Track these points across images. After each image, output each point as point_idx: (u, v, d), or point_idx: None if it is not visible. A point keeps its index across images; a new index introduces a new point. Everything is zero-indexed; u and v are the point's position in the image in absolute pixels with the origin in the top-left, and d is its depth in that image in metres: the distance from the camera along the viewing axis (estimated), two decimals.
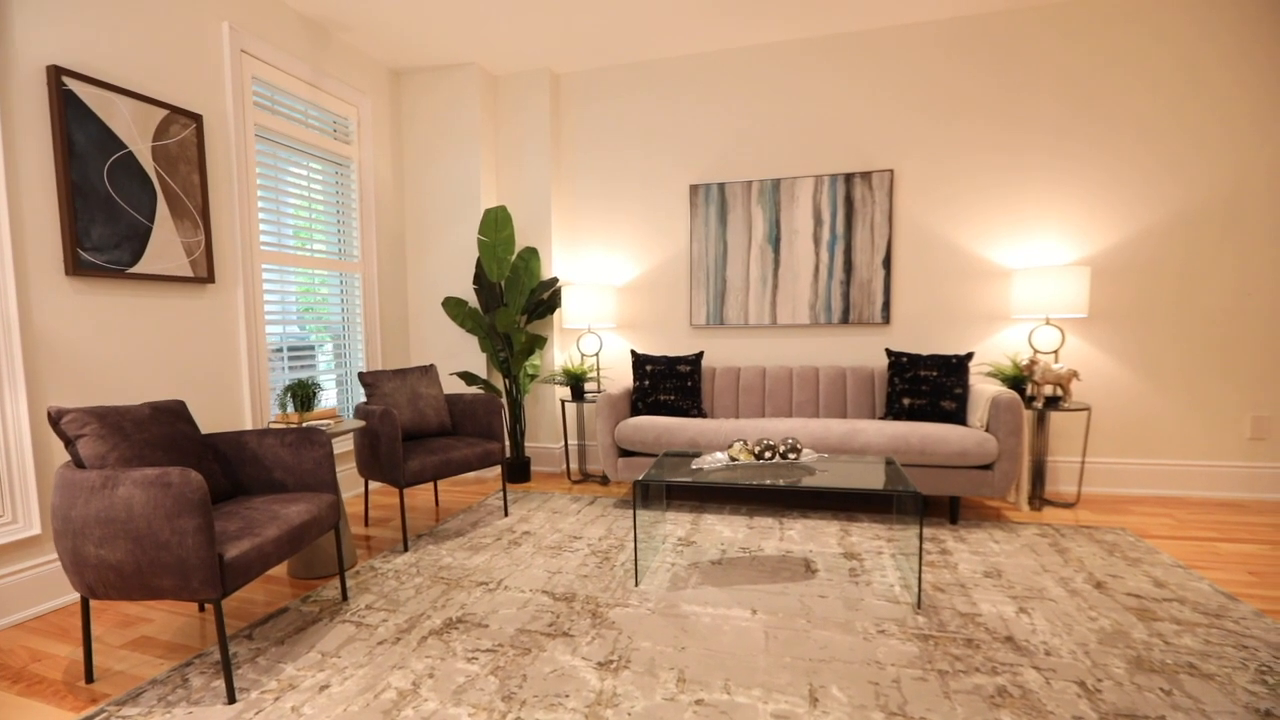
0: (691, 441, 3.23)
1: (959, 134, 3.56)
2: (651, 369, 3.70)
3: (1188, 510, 3.18)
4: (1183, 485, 3.41)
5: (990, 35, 3.49)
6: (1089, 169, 3.41)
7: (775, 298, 3.87)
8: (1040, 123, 3.45)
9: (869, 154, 3.70)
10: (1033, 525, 2.95)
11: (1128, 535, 2.79)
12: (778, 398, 3.65)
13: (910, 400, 3.26)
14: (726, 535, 2.89)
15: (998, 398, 2.89)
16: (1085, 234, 3.43)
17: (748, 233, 3.89)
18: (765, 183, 3.84)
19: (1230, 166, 3.26)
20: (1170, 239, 3.34)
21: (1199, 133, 3.29)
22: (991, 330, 3.58)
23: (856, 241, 3.72)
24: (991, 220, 3.54)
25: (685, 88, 3.99)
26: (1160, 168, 3.33)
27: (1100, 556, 2.55)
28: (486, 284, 4.08)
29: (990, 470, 2.88)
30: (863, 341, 3.77)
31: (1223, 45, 3.23)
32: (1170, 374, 3.39)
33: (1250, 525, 2.93)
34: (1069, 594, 2.20)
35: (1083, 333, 3.46)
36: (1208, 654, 1.78)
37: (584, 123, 4.21)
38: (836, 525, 2.99)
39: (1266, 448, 3.33)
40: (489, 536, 2.95)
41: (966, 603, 2.14)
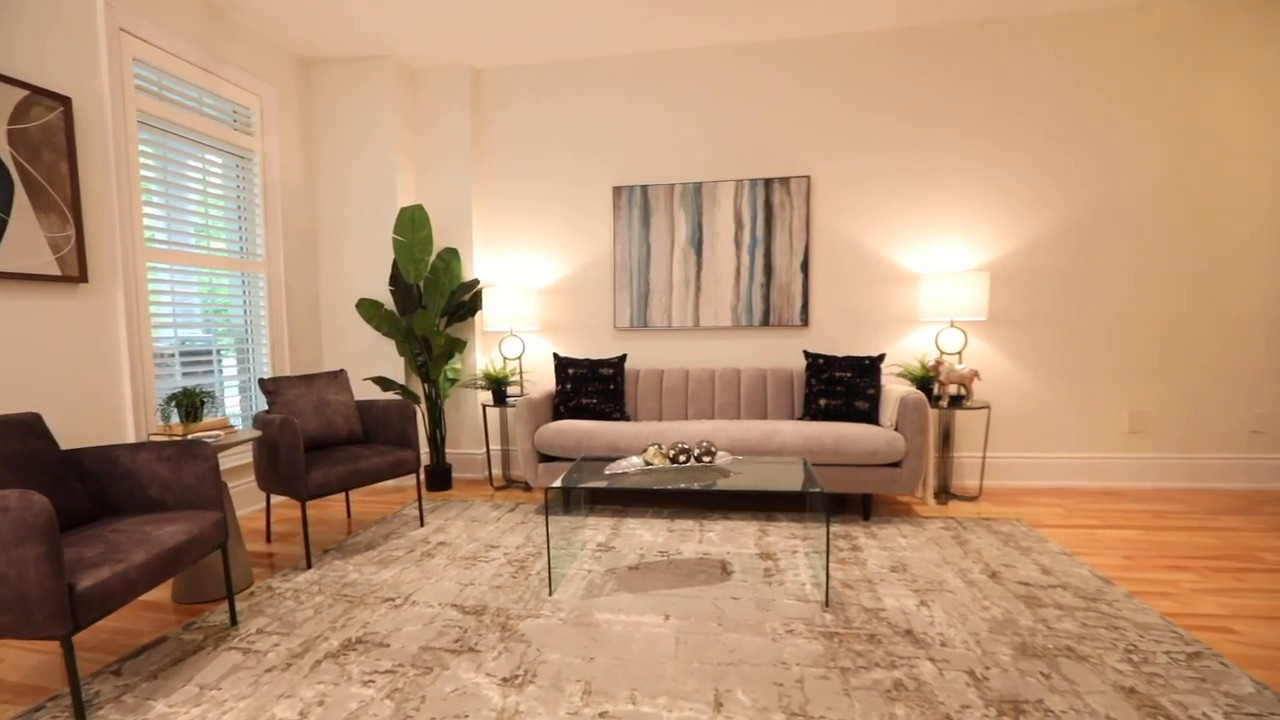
0: (612, 445, 3.20)
1: (871, 144, 3.69)
2: (574, 372, 3.65)
3: (1075, 500, 3.40)
4: (1071, 476, 3.66)
5: (900, 51, 3.63)
6: (987, 181, 3.60)
7: (698, 300, 3.90)
8: (945, 136, 3.62)
9: (787, 160, 3.78)
10: (939, 519, 3.09)
11: (1021, 526, 2.96)
12: (700, 399, 3.67)
13: (826, 401, 3.35)
14: (646, 539, 2.87)
15: (905, 398, 3.01)
16: (985, 241, 3.63)
17: (670, 235, 3.91)
18: (687, 186, 3.87)
19: (1109, 181, 3.52)
20: (1058, 247, 3.58)
21: (1082, 149, 3.53)
22: (902, 332, 3.73)
23: (776, 245, 3.79)
24: (901, 227, 3.69)
25: (609, 89, 3.96)
26: (1048, 182, 3.56)
27: (996, 547, 2.69)
28: (404, 285, 3.92)
29: (899, 468, 2.99)
30: (783, 343, 3.85)
31: (1103, 66, 3.48)
32: (1060, 373, 3.63)
33: (1127, 512, 3.17)
34: (966, 585, 2.30)
35: (984, 334, 3.66)
36: (1084, 636, 1.90)
37: (506, 121, 4.11)
38: (755, 526, 3.03)
39: (1142, 440, 3.62)
40: (401, 549, 2.83)
41: (872, 598, 2.20)
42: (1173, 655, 1.79)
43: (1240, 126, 3.44)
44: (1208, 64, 3.43)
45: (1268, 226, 3.46)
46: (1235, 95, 3.43)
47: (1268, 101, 3.41)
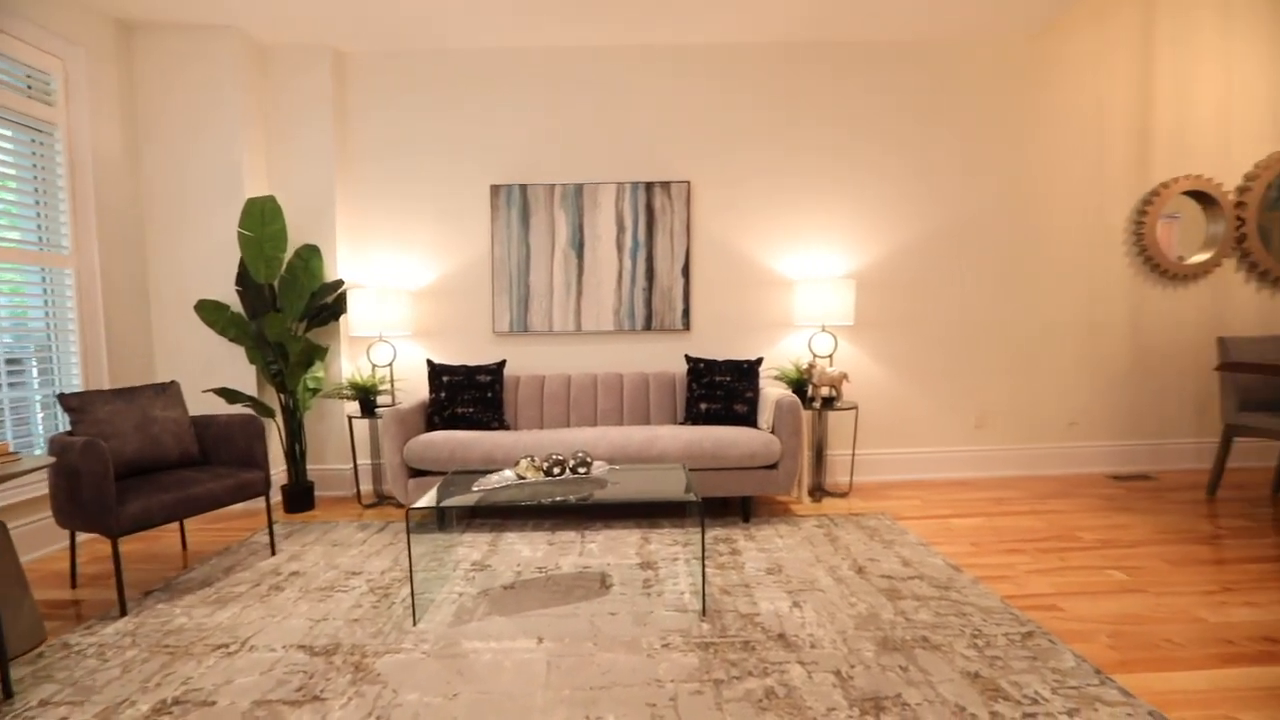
0: (488, 456, 3.04)
1: (749, 153, 3.79)
2: (449, 379, 3.45)
3: (932, 491, 3.68)
4: (929, 469, 3.95)
5: (777, 66, 3.75)
6: (854, 195, 3.81)
7: (580, 304, 3.81)
8: (817, 150, 3.79)
9: (668, 164, 3.79)
10: (813, 517, 3.21)
11: (886, 519, 3.14)
12: (582, 406, 3.59)
13: (707, 405, 3.38)
14: (525, 555, 2.75)
15: (780, 400, 3.10)
16: (852, 250, 3.84)
17: (551, 237, 3.79)
18: (568, 186, 3.77)
19: (956, 200, 3.84)
20: (914, 258, 3.85)
21: (934, 170, 3.83)
22: (779, 336, 3.86)
23: (658, 249, 3.79)
24: (777, 235, 3.82)
25: (489, 83, 3.78)
26: (906, 197, 3.83)
27: (863, 542, 2.82)
28: (253, 285, 3.52)
29: (776, 469, 3.07)
30: (665, 347, 3.86)
31: (950, 95, 3.80)
32: (918, 374, 3.91)
33: (974, 501, 3.46)
34: (836, 582, 2.39)
35: (852, 338, 3.86)
36: (937, 625, 2.02)
37: (375, 111, 3.81)
38: (638, 534, 2.99)
39: (986, 434, 3.98)
40: (245, 583, 2.51)
41: (748, 603, 2.22)
42: (1010, 637, 1.94)
43: (1058, 157, 3.87)
44: (1032, 99, 3.84)
45: (1076, 246, 3.92)
46: (1055, 128, 3.85)
47: (1080, 135, 3.86)
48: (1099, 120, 3.87)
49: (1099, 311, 3.97)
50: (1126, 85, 3.87)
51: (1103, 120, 3.87)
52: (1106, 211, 3.92)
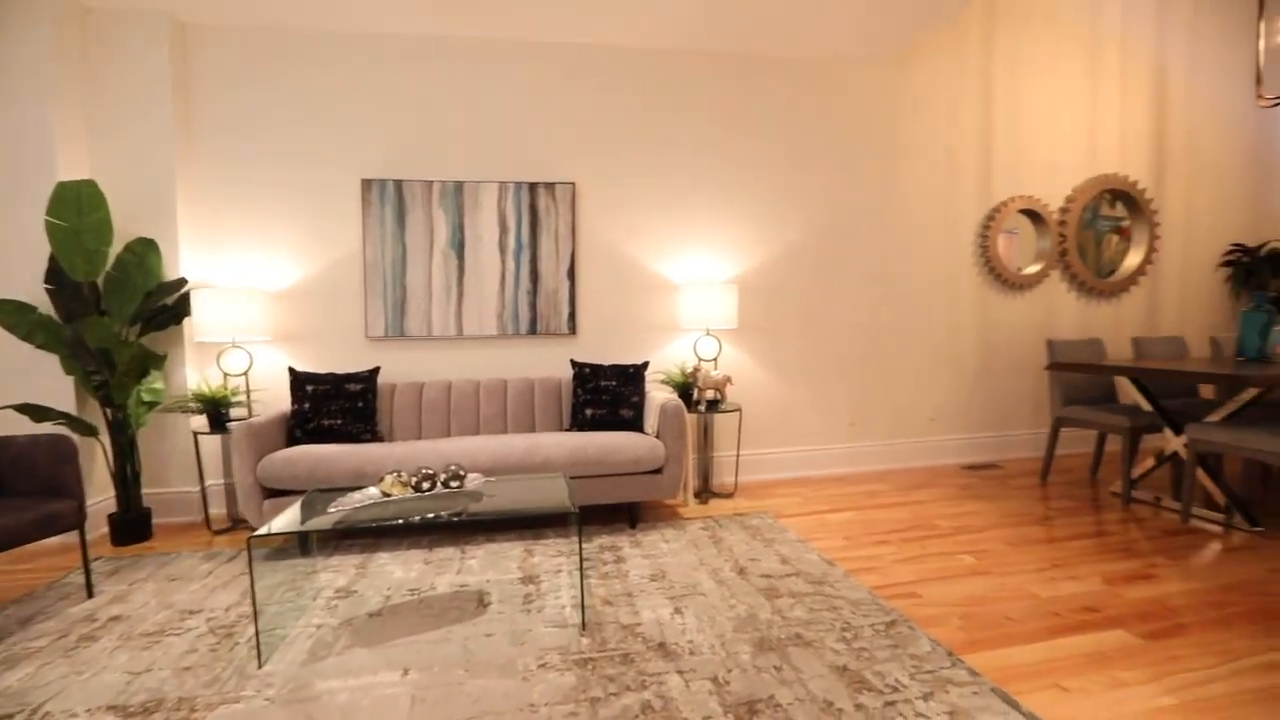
0: (357, 471, 2.81)
1: (636, 155, 3.78)
2: (315, 389, 3.16)
3: (812, 488, 3.84)
4: (809, 467, 4.14)
5: (663, 69, 3.78)
6: (738, 201, 3.92)
7: (461, 307, 3.64)
8: (703, 155, 3.86)
9: (552, 165, 3.71)
10: (699, 520, 3.24)
11: (768, 518, 3.24)
12: (464, 414, 3.42)
13: (593, 411, 3.33)
14: (398, 576, 2.56)
15: (665, 405, 3.11)
16: (736, 256, 3.94)
17: (429, 236, 3.59)
18: (447, 184, 3.59)
19: (833, 209, 4.06)
20: (793, 264, 4.02)
21: (811, 181, 4.02)
22: (665, 340, 3.88)
23: (542, 251, 3.69)
24: (663, 239, 3.84)
25: (360, 69, 3.51)
26: (786, 206, 3.99)
27: (746, 542, 2.88)
28: (68, 284, 3.05)
29: (661, 474, 3.07)
30: (551, 352, 3.76)
31: (827, 109, 4.00)
32: (798, 376, 4.08)
33: (849, 495, 3.66)
34: (718, 585, 2.41)
35: (736, 342, 3.96)
36: (810, 622, 2.08)
37: (226, 92, 3.42)
38: (521, 546, 2.88)
39: (860, 431, 4.23)
40: (47, 635, 2.14)
41: (630, 613, 2.19)
42: (875, 627, 2.03)
43: (917, 174, 4.20)
44: (895, 119, 4.13)
45: (934, 256, 4.27)
46: (914, 148, 4.17)
47: (935, 155, 4.21)
48: (950, 142, 4.24)
49: (953, 316, 4.34)
50: (972, 112, 4.27)
51: (953, 142, 4.24)
52: (958, 226, 4.30)
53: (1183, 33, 4.69)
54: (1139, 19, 4.58)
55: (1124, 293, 4.68)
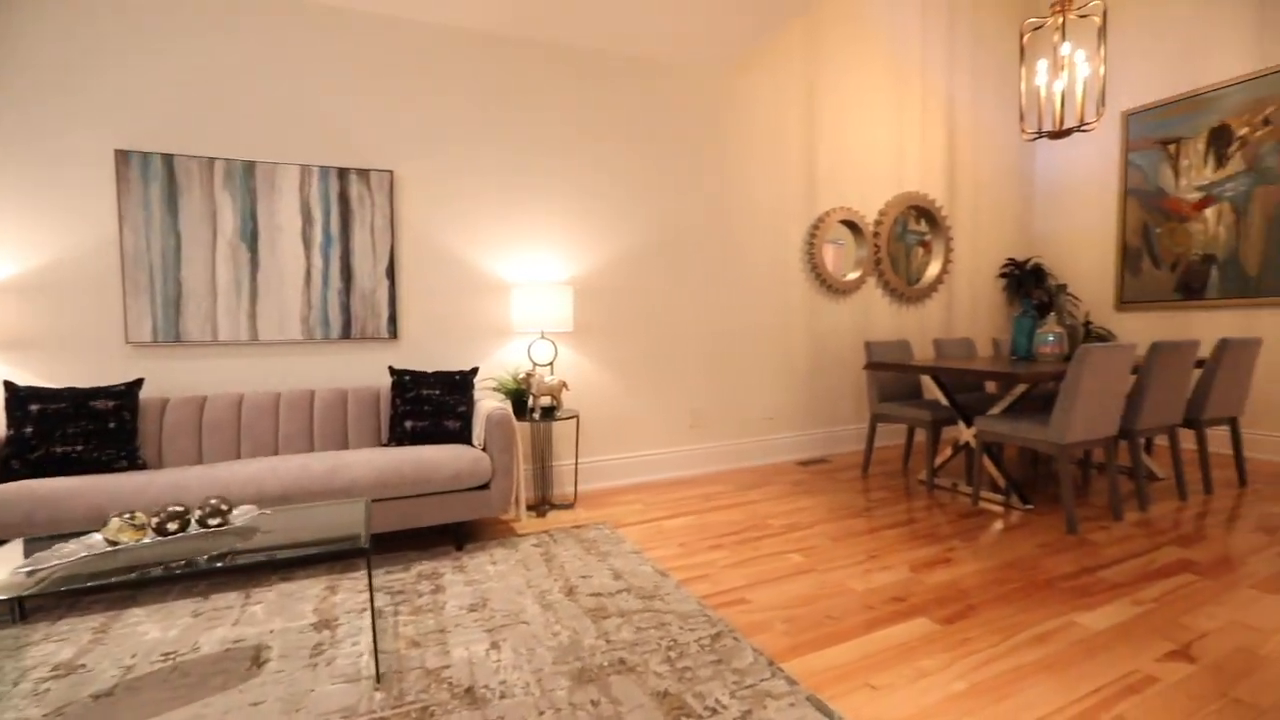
0: (98, 510, 2.26)
1: (465, 146, 3.49)
2: (43, 408, 2.52)
3: (653, 493, 3.79)
4: (651, 471, 4.09)
5: (493, 57, 3.52)
6: (574, 200, 3.77)
7: (256, 308, 3.13)
8: (538, 151, 3.66)
9: (368, 151, 3.31)
10: (534, 535, 3.04)
11: (606, 529, 3.11)
12: (259, 432, 2.93)
13: (414, 423, 3.00)
14: (152, 637, 2.08)
15: (490, 415, 2.87)
16: (572, 256, 3.79)
17: (212, 224, 3.04)
18: (235, 163, 3.06)
19: (671, 211, 4.05)
20: (632, 266, 3.96)
21: (651, 182, 3.99)
22: (498, 344, 3.63)
23: (356, 246, 3.29)
24: (495, 235, 3.59)
25: (115, 12, 2.87)
26: (624, 207, 3.92)
27: (580, 557, 2.73)
28: None
29: (488, 489, 2.83)
30: (369, 358, 3.36)
31: (665, 111, 3.99)
32: (638, 379, 4.02)
33: (689, 499, 3.65)
34: (543, 609, 2.23)
35: (575, 345, 3.81)
36: (637, 644, 1.97)
37: None
38: (323, 583, 2.49)
39: (700, 433, 4.27)
40: None
41: (439, 653, 1.93)
42: (701, 642, 1.96)
43: (750, 180, 4.33)
44: (730, 126, 4.23)
45: (767, 261, 4.44)
46: (747, 154, 4.30)
47: (765, 163, 4.37)
48: (778, 151, 4.43)
49: (785, 318, 4.54)
50: (800, 125, 4.50)
51: (781, 152, 4.44)
52: (787, 232, 4.50)
53: (966, 68, 5.31)
54: (934, 52, 5.12)
55: (927, 299, 5.20)
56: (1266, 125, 4.36)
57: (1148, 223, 5.02)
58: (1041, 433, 3.01)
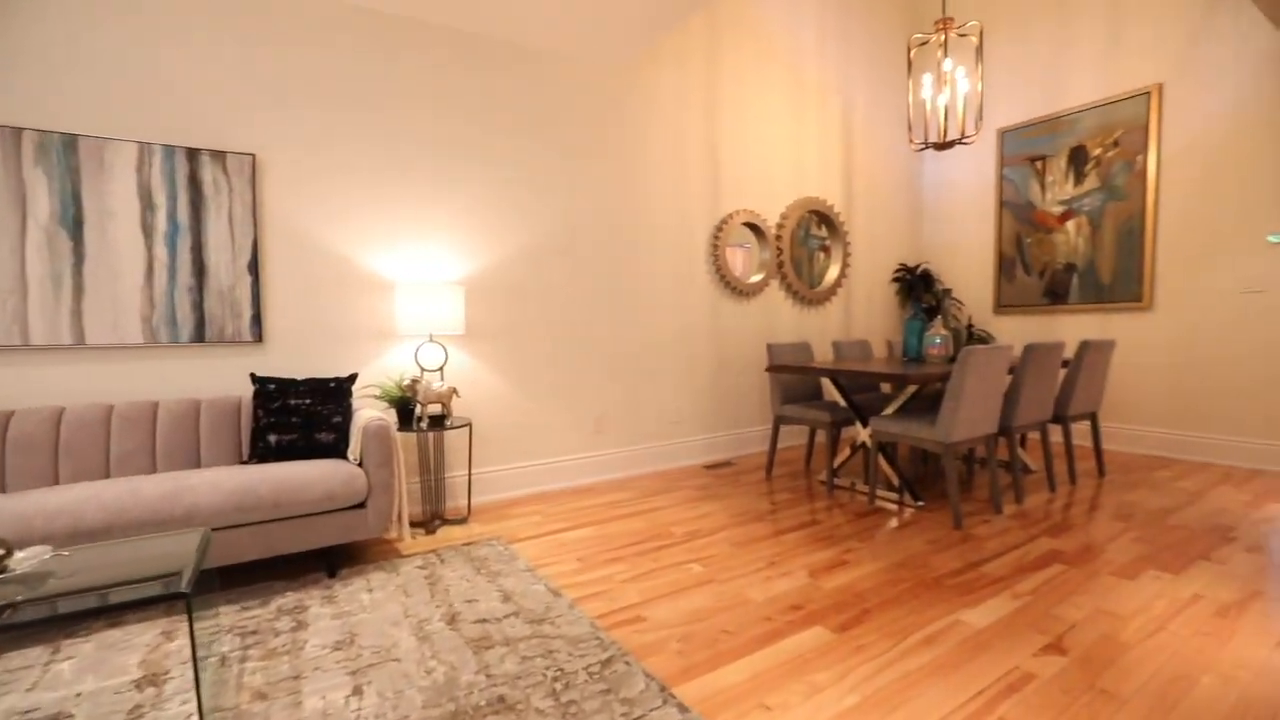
0: None
1: (343, 129, 3.18)
2: None
3: (555, 503, 3.62)
4: (553, 480, 3.92)
5: (385, 35, 3.23)
6: (468, 194, 3.54)
7: (81, 305, 2.68)
8: (427, 141, 3.39)
9: (225, 130, 2.94)
10: (420, 556, 2.79)
11: (499, 545, 2.91)
12: (84, 452, 2.51)
13: (279, 436, 2.68)
14: None
15: (366, 426, 2.60)
16: (464, 254, 3.55)
17: (21, 207, 2.57)
18: (52, 135, 2.61)
19: (571, 209, 3.90)
20: (529, 265, 3.77)
21: (551, 176, 3.81)
22: (382, 348, 3.34)
23: (211, 237, 2.90)
24: (376, 229, 3.30)
25: None
26: (523, 202, 3.72)
27: (468, 579, 2.52)
28: None
29: (364, 509, 2.56)
30: (229, 364, 2.98)
31: (563, 105, 3.82)
32: (538, 383, 3.84)
33: (591, 508, 3.51)
34: (420, 642, 2.01)
35: (466, 348, 3.58)
36: (520, 676, 1.80)
37: None
38: (158, 628, 2.15)
39: (604, 438, 4.13)
40: None
41: (288, 706, 1.68)
42: (590, 670, 1.82)
43: (654, 179, 4.26)
44: (631, 123, 4.14)
45: (672, 262, 4.38)
46: (650, 153, 4.23)
47: (669, 162, 4.31)
48: (681, 151, 4.38)
49: (691, 320, 4.50)
50: (700, 123, 4.47)
51: (684, 152, 4.40)
52: (692, 233, 4.46)
53: (861, 78, 5.51)
54: (831, 61, 5.27)
55: (827, 301, 5.34)
56: (1116, 147, 4.78)
57: (1020, 233, 5.40)
58: (930, 432, 3.10)
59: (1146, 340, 4.65)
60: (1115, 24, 4.71)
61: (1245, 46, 4.11)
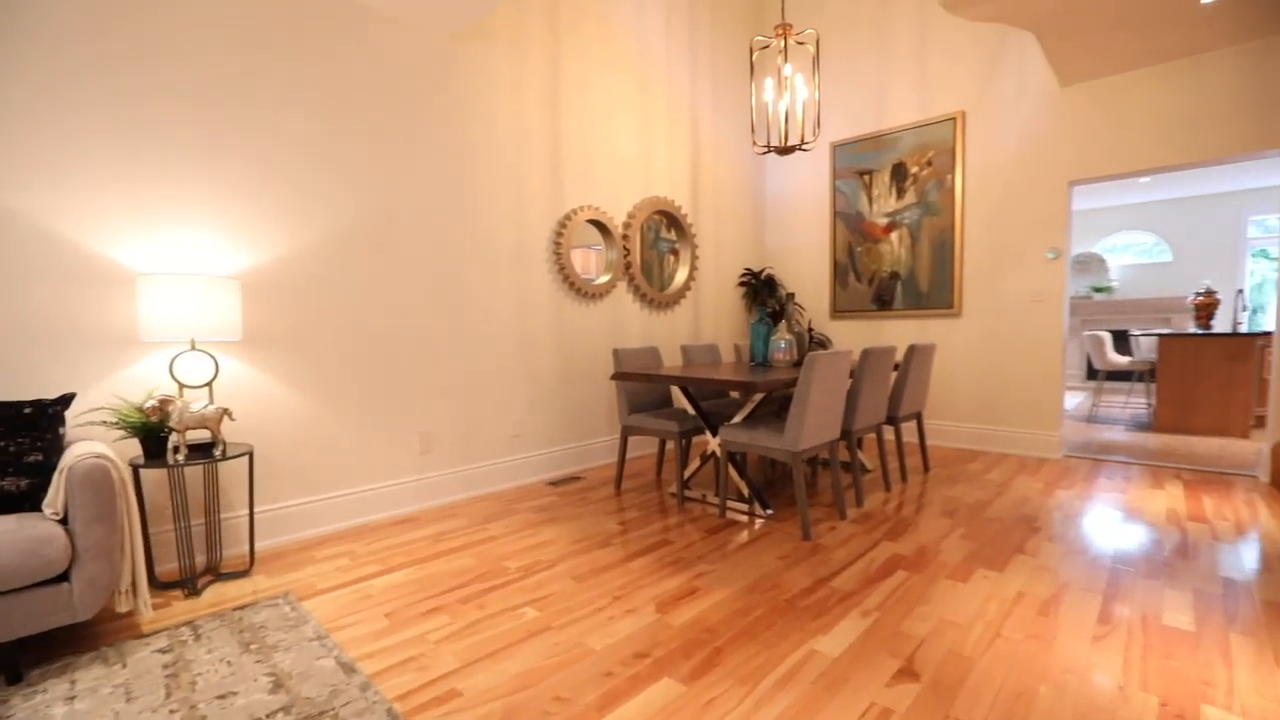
0: None
1: (70, 78, 2.38)
2: None
3: (369, 539, 3.05)
4: (369, 511, 3.33)
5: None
6: (242, 165, 2.86)
7: None
8: (190, 98, 2.67)
9: None
10: (165, 634, 2.13)
11: (286, 604, 2.33)
12: None
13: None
14: None
15: (72, 468, 1.91)
16: (240, 243, 2.87)
17: None
18: None
19: (386, 195, 3.34)
20: (330, 260, 3.17)
21: (361, 157, 3.23)
22: (125, 358, 2.57)
23: None
24: (113, 205, 2.52)
25: None
26: (316, 183, 3.11)
27: (230, 660, 1.93)
28: None
29: (68, 582, 1.87)
30: None
31: (377, 73, 3.26)
32: (344, 398, 3.24)
33: (413, 543, 2.99)
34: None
35: (244, 357, 2.90)
36: None
37: None
38: None
39: (432, 459, 3.61)
40: None
41: None
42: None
43: (486, 167, 3.82)
44: (460, 102, 3.67)
45: (509, 260, 3.97)
46: (483, 137, 3.78)
47: (504, 150, 3.90)
48: (521, 141, 3.99)
49: (531, 324, 4.11)
50: (541, 110, 4.11)
51: (524, 142, 4.01)
52: (533, 229, 4.09)
53: (708, 79, 5.48)
54: (679, 61, 5.17)
55: (676, 305, 5.23)
56: (930, 166, 5.17)
57: (852, 242, 5.68)
58: (778, 441, 3.01)
59: (957, 344, 5.07)
60: (923, 55, 5.09)
61: (1027, 85, 4.60)
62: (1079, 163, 4.42)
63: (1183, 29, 3.67)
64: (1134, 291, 9.37)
